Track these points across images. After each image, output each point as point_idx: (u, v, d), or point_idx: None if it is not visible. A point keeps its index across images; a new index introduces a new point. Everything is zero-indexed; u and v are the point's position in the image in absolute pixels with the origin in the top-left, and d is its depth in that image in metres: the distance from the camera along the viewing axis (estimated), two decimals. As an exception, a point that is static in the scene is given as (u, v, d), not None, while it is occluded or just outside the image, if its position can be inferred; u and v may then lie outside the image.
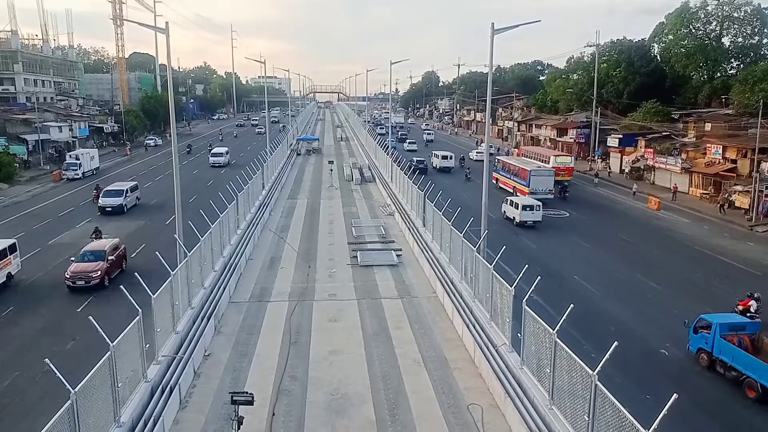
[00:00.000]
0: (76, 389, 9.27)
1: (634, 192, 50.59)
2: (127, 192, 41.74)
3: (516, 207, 38.60)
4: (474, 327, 17.22)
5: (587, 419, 10.09)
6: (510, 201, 40.21)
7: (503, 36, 22.58)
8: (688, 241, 35.87)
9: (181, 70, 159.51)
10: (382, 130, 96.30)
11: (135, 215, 40.16)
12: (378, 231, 33.38)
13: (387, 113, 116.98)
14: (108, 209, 39.85)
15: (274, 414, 14.21)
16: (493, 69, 27.41)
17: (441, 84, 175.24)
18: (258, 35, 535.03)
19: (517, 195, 44.43)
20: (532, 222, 37.82)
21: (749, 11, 66.44)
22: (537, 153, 59.69)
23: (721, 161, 49.16)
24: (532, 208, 38.12)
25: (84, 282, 24.74)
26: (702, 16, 68.68)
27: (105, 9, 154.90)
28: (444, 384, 15.85)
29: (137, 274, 15.11)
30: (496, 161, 54.21)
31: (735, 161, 47.88)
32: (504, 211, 40.08)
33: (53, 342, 20.02)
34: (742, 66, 67.05)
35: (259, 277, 25.23)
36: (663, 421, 8.13)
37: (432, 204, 25.95)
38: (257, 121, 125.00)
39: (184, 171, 38.52)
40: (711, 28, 69.14)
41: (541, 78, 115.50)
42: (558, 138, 79.74)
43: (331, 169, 52.07)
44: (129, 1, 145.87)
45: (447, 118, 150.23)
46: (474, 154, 73.46)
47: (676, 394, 8.09)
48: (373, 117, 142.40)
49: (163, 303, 14.74)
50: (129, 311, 12.75)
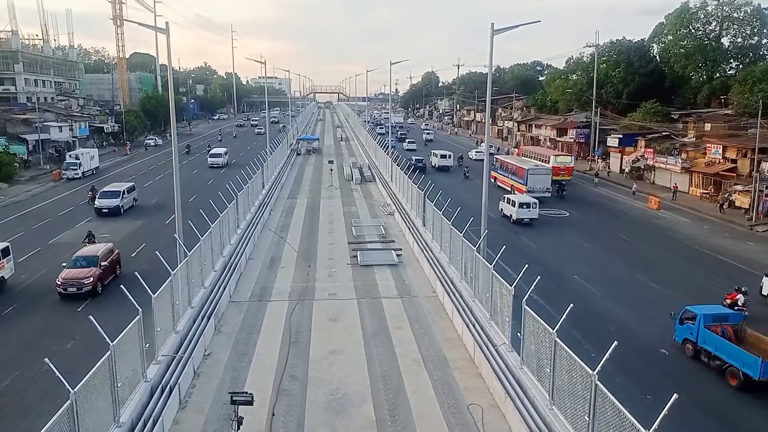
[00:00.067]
0: (75, 389, 9.26)
1: (634, 192, 50.62)
2: (124, 193, 41.18)
3: (513, 204, 38.69)
4: (474, 326, 17.21)
5: (587, 419, 10.07)
6: (507, 199, 40.32)
7: (503, 36, 22.54)
8: (688, 241, 35.88)
9: (182, 70, 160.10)
10: (381, 130, 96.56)
11: (134, 216, 40.03)
12: (378, 230, 33.38)
13: (387, 113, 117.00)
14: (104, 210, 39.30)
15: (273, 414, 14.18)
16: (493, 69, 27.44)
17: (441, 84, 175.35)
18: (258, 35, 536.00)
19: (515, 193, 44.49)
20: (528, 219, 37.92)
21: (749, 11, 66.46)
22: (537, 153, 59.84)
23: (721, 161, 49.17)
24: (528, 205, 38.23)
25: (76, 289, 23.87)
26: (702, 16, 68.70)
27: (105, 9, 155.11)
28: (444, 384, 15.84)
29: (137, 273, 15.12)
30: (494, 160, 54.27)
31: (735, 161, 47.92)
32: (501, 209, 40.17)
33: (53, 342, 20.01)
34: (741, 66, 67.04)
35: (259, 277, 25.21)
36: (663, 421, 8.12)
37: (432, 203, 25.92)
38: (257, 122, 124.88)
39: (184, 171, 38.59)
40: (710, 28, 69.18)
41: (541, 78, 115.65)
42: (558, 138, 79.80)
43: (331, 169, 52.09)
44: (129, 1, 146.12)
45: (447, 118, 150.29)
46: (473, 153, 73.60)
47: (676, 394, 8.08)
48: (373, 117, 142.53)
49: (164, 302, 14.72)
50: (129, 311, 12.72)
